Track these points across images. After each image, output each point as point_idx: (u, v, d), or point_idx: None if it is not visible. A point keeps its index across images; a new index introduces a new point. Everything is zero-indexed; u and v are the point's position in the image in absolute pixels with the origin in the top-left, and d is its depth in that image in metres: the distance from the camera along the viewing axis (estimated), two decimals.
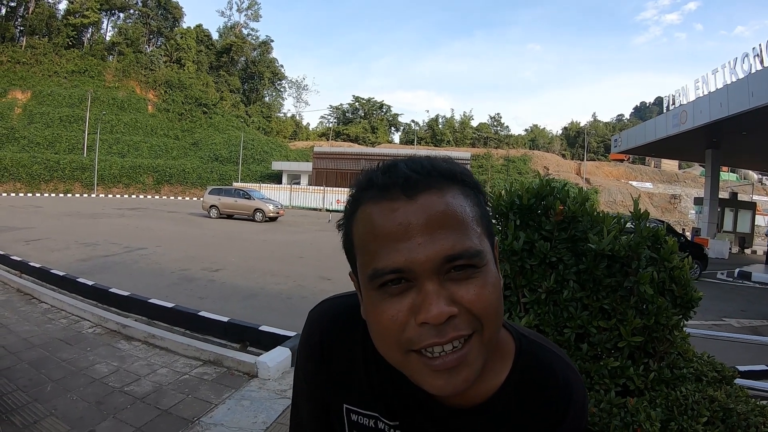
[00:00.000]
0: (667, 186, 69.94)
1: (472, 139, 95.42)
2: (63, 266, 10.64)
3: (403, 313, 0.70)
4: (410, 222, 0.70)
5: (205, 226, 23.99)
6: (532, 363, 0.87)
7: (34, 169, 50.40)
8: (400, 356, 0.72)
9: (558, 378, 0.87)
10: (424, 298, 0.69)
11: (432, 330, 0.68)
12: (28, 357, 5.40)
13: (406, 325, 0.70)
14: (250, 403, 4.64)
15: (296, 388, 1.03)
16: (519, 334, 0.91)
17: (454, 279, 0.70)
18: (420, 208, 0.70)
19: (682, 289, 2.37)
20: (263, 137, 75.27)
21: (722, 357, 2.98)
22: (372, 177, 0.77)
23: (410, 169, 0.74)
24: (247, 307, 8.62)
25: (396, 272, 0.69)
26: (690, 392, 2.25)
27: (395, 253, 0.69)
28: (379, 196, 0.73)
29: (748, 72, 17.05)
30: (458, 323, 0.69)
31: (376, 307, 0.72)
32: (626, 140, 27.99)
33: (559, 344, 2.22)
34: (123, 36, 73.16)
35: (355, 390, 0.92)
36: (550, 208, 2.35)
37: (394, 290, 0.70)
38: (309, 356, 0.97)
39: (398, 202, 0.71)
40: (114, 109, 64.21)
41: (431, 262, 0.68)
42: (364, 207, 0.75)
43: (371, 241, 0.72)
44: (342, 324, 0.94)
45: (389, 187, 0.73)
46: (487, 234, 0.77)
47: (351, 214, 0.78)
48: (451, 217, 0.71)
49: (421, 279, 0.69)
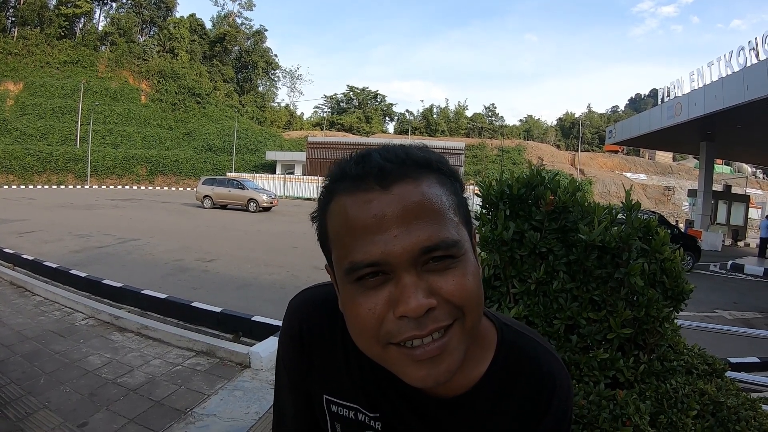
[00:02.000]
0: (661, 178, 70.07)
1: (467, 129, 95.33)
2: (56, 258, 10.62)
3: (381, 306, 0.68)
4: (385, 213, 0.68)
5: (199, 217, 23.96)
6: (514, 352, 0.86)
7: (27, 160, 50.15)
8: (379, 350, 0.71)
9: (541, 367, 0.86)
10: (401, 290, 0.67)
11: (411, 323, 0.67)
12: (21, 350, 5.39)
13: (384, 318, 0.69)
14: (242, 393, 4.64)
15: (278, 379, 1.02)
16: (501, 324, 0.89)
17: (432, 270, 0.69)
18: (395, 199, 0.69)
19: (673, 281, 2.37)
20: (257, 127, 74.96)
21: (714, 349, 2.98)
22: (345, 168, 0.75)
23: (384, 158, 0.72)
24: (240, 298, 8.63)
25: (372, 266, 0.68)
26: (680, 385, 2.26)
27: (371, 246, 0.67)
28: (352, 188, 0.71)
29: (743, 65, 17.07)
30: (438, 315, 0.68)
31: (353, 301, 0.71)
32: (621, 131, 28.00)
33: (549, 335, 2.22)
34: (115, 26, 72.57)
35: (335, 381, 0.92)
36: (541, 198, 2.33)
37: (371, 283, 0.69)
38: (289, 346, 0.96)
39: (372, 193, 0.70)
40: (107, 99, 63.74)
41: (408, 254, 0.67)
42: (337, 199, 0.73)
43: (346, 235, 0.70)
44: (322, 314, 0.92)
45: (363, 177, 0.71)
46: (464, 222, 0.76)
47: (325, 206, 0.77)
48: (427, 207, 0.69)
49: (399, 271, 0.68)
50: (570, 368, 2.17)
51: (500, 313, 0.93)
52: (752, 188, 61.62)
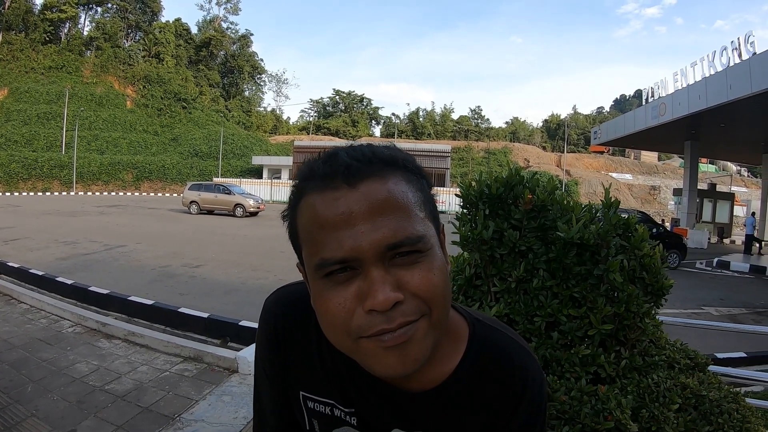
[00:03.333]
0: (647, 177, 70.62)
1: (453, 132, 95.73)
2: (42, 265, 10.54)
3: (350, 300, 0.70)
4: (352, 210, 0.70)
5: (186, 222, 23.86)
6: (485, 347, 0.88)
7: (12, 167, 49.66)
8: (350, 343, 0.73)
9: (513, 361, 0.87)
10: (369, 285, 0.69)
11: (380, 316, 0.69)
12: (8, 358, 5.37)
13: (353, 312, 0.70)
14: (231, 398, 4.65)
15: (256, 378, 1.04)
16: (473, 319, 0.91)
17: (399, 264, 0.71)
18: (362, 196, 0.71)
19: (652, 277, 2.39)
20: (243, 132, 74.81)
21: (702, 345, 3.02)
22: (313, 167, 0.77)
23: (351, 157, 0.75)
24: (228, 303, 8.60)
25: (341, 262, 0.70)
26: (662, 379, 2.27)
27: (340, 243, 0.69)
28: (321, 186, 0.73)
29: (726, 65, 17.20)
30: (405, 309, 0.70)
31: (323, 296, 0.72)
32: (606, 132, 28.15)
33: (530, 333, 2.24)
34: (101, 31, 72.15)
35: (310, 377, 0.93)
36: (519, 197, 2.35)
37: (340, 278, 0.71)
38: (265, 344, 0.98)
39: (340, 191, 0.72)
40: (92, 105, 63.28)
41: (375, 249, 0.69)
42: (306, 197, 0.75)
43: (315, 232, 0.73)
44: (296, 311, 0.94)
45: (330, 176, 0.73)
46: (431, 218, 0.78)
47: (294, 205, 0.79)
48: (393, 203, 0.72)
49: (366, 266, 0.70)
50: (551, 365, 2.20)
51: (472, 309, 0.95)
52: (737, 186, 62.12)
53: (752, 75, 15.01)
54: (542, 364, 2.18)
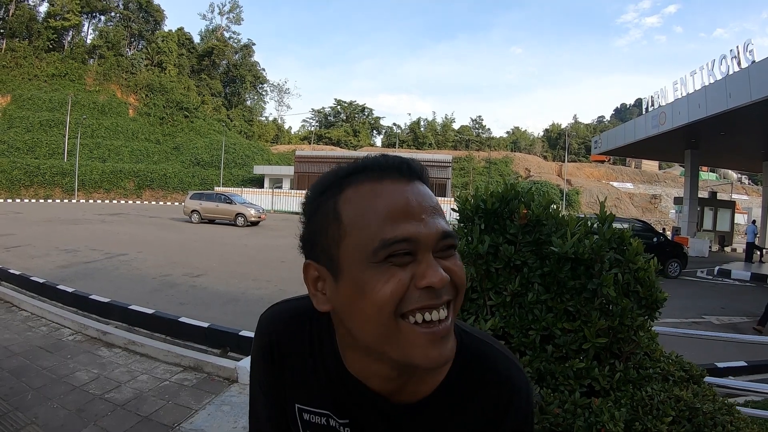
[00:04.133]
0: (648, 186, 70.70)
1: (454, 142, 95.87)
2: (43, 273, 10.55)
3: (407, 279, 0.75)
4: (415, 199, 0.79)
5: (187, 231, 23.84)
6: (473, 358, 0.91)
7: (14, 174, 49.73)
8: (393, 326, 0.76)
9: (499, 371, 0.90)
10: (427, 266, 0.75)
11: (431, 293, 0.75)
12: (9, 365, 5.38)
13: (407, 289, 0.75)
14: (230, 408, 4.66)
15: (252, 391, 1.07)
16: (460, 330, 0.93)
17: (442, 256, 0.78)
18: (418, 191, 0.80)
19: (647, 290, 2.40)
20: (245, 141, 74.90)
21: (702, 354, 3.05)
22: (365, 163, 0.84)
23: (403, 161, 0.84)
24: (228, 313, 8.61)
25: (406, 241, 0.75)
26: (656, 392, 2.27)
27: (405, 225, 0.76)
28: (379, 177, 0.81)
29: (725, 73, 17.25)
30: (447, 289, 0.77)
31: (378, 279, 0.75)
32: (606, 141, 28.20)
33: (525, 346, 2.26)
34: (104, 39, 72.40)
35: (305, 389, 0.96)
36: (515, 212, 2.38)
37: (399, 261, 0.75)
38: (261, 358, 1.02)
39: (400, 182, 0.80)
40: (95, 113, 63.42)
41: (434, 236, 0.77)
42: (359, 186, 0.80)
43: (375, 215, 0.77)
44: (291, 326, 0.98)
45: (390, 169, 0.82)
46: None
47: (334, 196, 0.82)
48: (438, 204, 0.82)
49: (423, 252, 0.76)
50: (546, 378, 2.21)
51: (460, 321, 0.98)
52: (738, 194, 62.19)
53: (751, 83, 15.06)
54: (536, 377, 2.21)
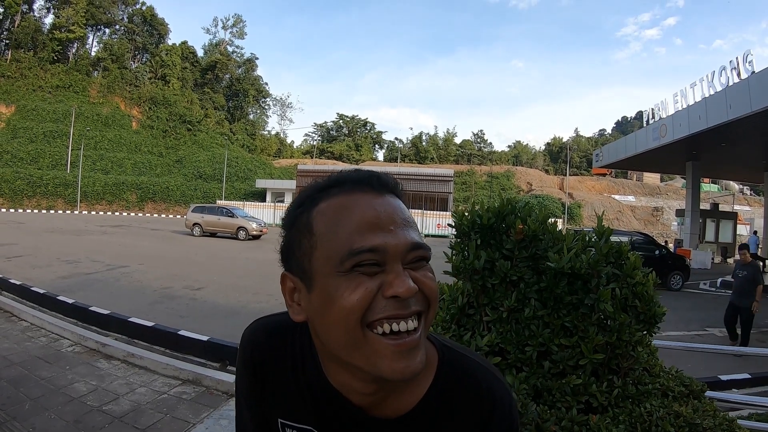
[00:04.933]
0: (650, 199, 70.59)
1: (456, 156, 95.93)
2: (44, 283, 10.55)
3: (374, 287, 0.76)
4: (384, 211, 0.80)
5: (188, 244, 23.86)
6: (454, 372, 0.92)
7: (17, 184, 49.97)
8: (359, 336, 0.76)
9: (480, 385, 0.91)
10: (396, 275, 0.76)
11: (398, 303, 0.76)
12: (7, 375, 5.37)
13: (374, 298, 0.76)
14: (228, 422, 4.63)
15: (237, 406, 1.08)
16: (442, 345, 0.95)
17: (412, 268, 0.80)
18: (389, 203, 0.83)
19: (645, 305, 2.39)
20: (247, 155, 75.12)
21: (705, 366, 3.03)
22: (334, 178, 0.87)
23: (375, 174, 0.87)
24: (228, 326, 8.55)
25: (372, 251, 0.76)
26: (654, 408, 2.26)
27: (372, 236, 0.77)
28: (351, 190, 0.83)
29: (725, 85, 17.28)
30: (415, 300, 0.78)
31: (344, 288, 0.76)
32: (608, 155, 28.24)
33: (521, 362, 2.25)
34: (108, 52, 72.88)
35: (288, 404, 0.96)
36: (511, 227, 2.38)
37: (366, 271, 0.76)
38: (243, 374, 1.02)
39: (371, 194, 0.83)
40: (98, 125, 63.72)
41: (402, 247, 0.78)
42: (331, 200, 0.83)
43: (345, 226, 0.79)
44: (273, 341, 0.98)
45: (363, 182, 0.84)
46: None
47: (309, 209, 0.85)
48: (409, 217, 0.84)
49: (391, 262, 0.77)
50: (543, 394, 2.20)
51: (442, 336, 1.01)
52: (740, 205, 62.00)
53: (751, 94, 15.09)
54: (533, 394, 2.19)
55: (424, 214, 45.28)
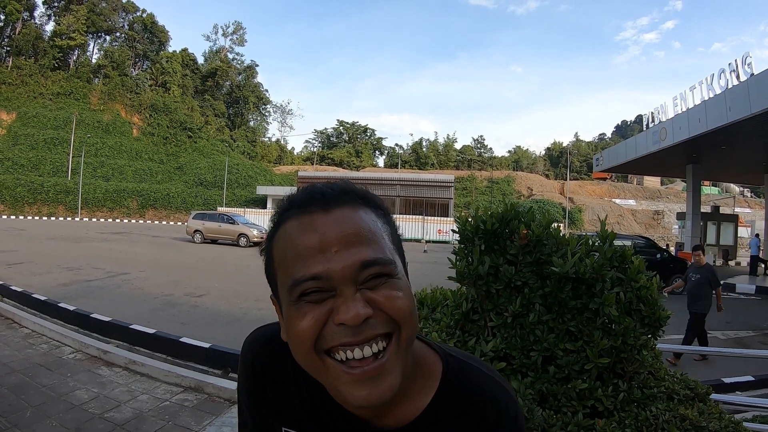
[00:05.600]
0: (650, 202, 70.63)
1: (456, 162, 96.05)
2: (45, 290, 10.53)
3: (323, 315, 0.74)
4: (326, 232, 0.75)
5: (189, 251, 23.88)
6: (459, 381, 0.89)
7: (18, 191, 50.10)
8: (318, 362, 0.76)
9: (485, 394, 0.88)
10: (342, 301, 0.73)
11: (348, 330, 0.73)
12: (8, 382, 5.37)
13: (324, 325, 0.74)
14: (230, 429, 4.62)
15: (240, 415, 1.06)
16: (446, 354, 0.93)
17: (369, 287, 0.75)
18: (335, 221, 0.77)
19: (649, 309, 2.38)
20: (248, 162, 75.25)
21: (708, 369, 3.01)
22: (292, 198, 0.83)
23: (327, 187, 0.82)
24: (230, 333, 8.54)
25: (314, 279, 0.73)
26: (661, 411, 2.26)
27: (313, 262, 0.74)
28: (298, 213, 0.79)
29: (725, 87, 17.24)
30: (374, 323, 0.74)
31: (296, 316, 0.75)
32: (608, 159, 28.21)
33: (526, 367, 2.24)
34: (109, 59, 73.18)
35: (290, 413, 0.94)
36: (515, 232, 2.37)
37: (313, 298, 0.74)
38: (245, 382, 1.01)
39: (315, 215, 0.77)
40: (99, 132, 63.90)
41: (348, 269, 0.73)
42: (284, 226, 0.81)
43: (290, 254, 0.77)
44: (273, 350, 0.96)
45: (307, 203, 0.79)
46: (398, 252, 0.83)
47: (272, 236, 0.83)
48: (365, 229, 0.77)
49: (340, 287, 0.73)
50: (548, 399, 2.19)
51: (446, 345, 0.98)
52: (740, 207, 62.04)
53: (751, 96, 15.05)
54: (539, 399, 2.19)
55: (425, 220, 45.36)
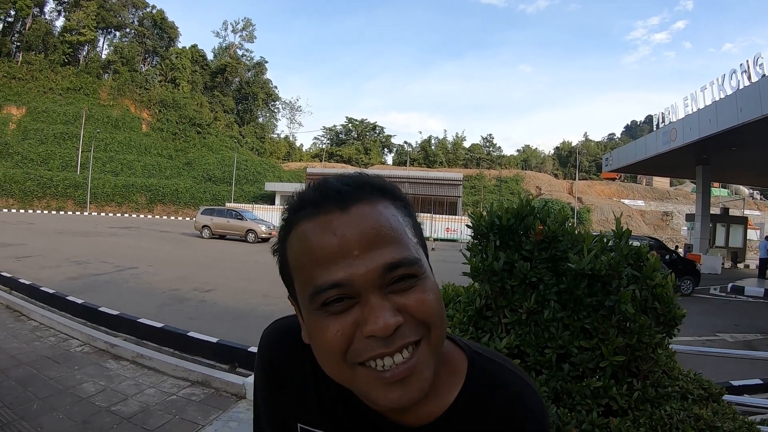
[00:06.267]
0: (659, 203, 70.38)
1: (465, 160, 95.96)
2: (53, 284, 10.55)
3: (348, 327, 0.69)
4: (345, 234, 0.69)
5: (197, 247, 23.93)
6: (484, 379, 0.85)
7: (27, 185, 50.43)
8: (348, 372, 0.71)
9: (511, 393, 0.84)
10: (369, 311, 0.68)
11: (379, 341, 0.68)
12: (15, 374, 5.37)
13: (352, 338, 0.69)
14: (237, 424, 4.60)
15: (255, 409, 1.03)
16: (472, 351, 0.88)
17: (396, 291, 0.70)
18: (354, 220, 0.70)
19: (665, 307, 2.35)
20: (256, 158, 75.45)
21: (716, 372, 2.98)
22: (303, 196, 0.77)
23: (341, 182, 0.75)
24: (237, 328, 8.53)
25: (336, 287, 0.68)
26: (675, 411, 2.23)
27: (334, 268, 0.68)
28: (313, 213, 0.73)
29: (736, 88, 17.23)
30: (405, 331, 0.69)
31: (319, 326, 0.71)
32: (617, 159, 28.20)
33: (541, 364, 2.22)
34: (118, 54, 73.60)
35: (307, 409, 0.91)
36: (530, 228, 2.34)
37: (337, 308, 0.69)
38: (261, 376, 0.97)
39: (332, 214, 0.71)
40: (108, 127, 64.32)
41: (372, 273, 0.68)
42: (297, 226, 0.74)
43: (308, 260, 0.71)
44: (291, 343, 0.91)
45: (322, 202, 0.73)
46: (421, 245, 0.78)
47: (285, 237, 0.78)
48: (386, 226, 0.71)
49: (365, 293, 0.68)
50: (562, 397, 2.17)
51: (472, 342, 0.94)
52: (750, 209, 61.75)
53: (762, 97, 15.03)
54: (553, 397, 2.16)
55: (433, 218, 45.36)
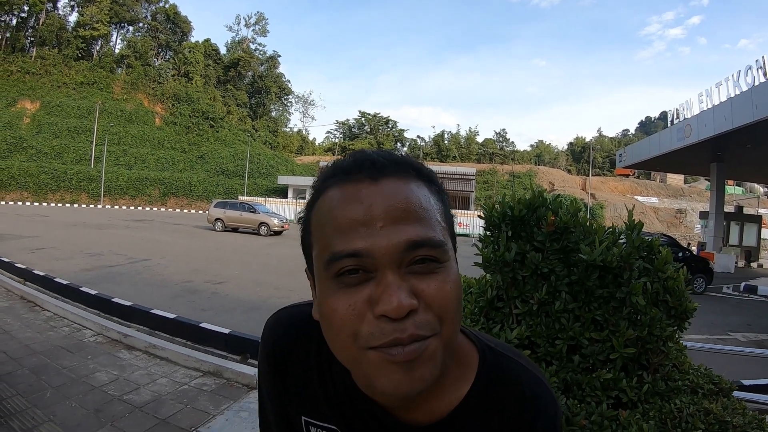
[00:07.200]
0: (673, 200, 69.79)
1: (478, 155, 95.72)
2: (67, 275, 10.65)
3: (360, 303, 0.65)
4: (372, 204, 0.67)
5: (210, 239, 24.04)
6: (496, 375, 0.82)
7: (42, 178, 50.78)
8: (355, 352, 0.67)
9: (524, 389, 0.81)
10: (384, 288, 0.64)
11: (391, 324, 0.63)
12: (29, 363, 5.43)
13: (363, 317, 0.65)
14: (248, 414, 4.63)
15: (260, 399, 1.01)
16: (484, 345, 0.85)
17: (415, 272, 0.66)
18: (383, 192, 0.68)
19: (676, 300, 2.34)
20: (269, 151, 75.60)
21: (727, 371, 2.95)
22: (338, 164, 0.75)
23: (378, 155, 0.73)
24: (249, 320, 8.58)
25: (354, 256, 0.65)
26: (685, 404, 2.22)
27: (355, 237, 0.65)
28: (343, 180, 0.71)
29: (751, 84, 17.00)
30: (418, 320, 0.64)
31: (331, 297, 0.67)
32: (631, 155, 27.93)
33: (551, 356, 2.22)
34: (132, 49, 73.91)
35: (311, 402, 0.88)
36: (542, 219, 2.34)
37: (352, 280, 0.66)
38: (265, 367, 0.94)
39: (362, 184, 0.69)
40: (122, 121, 64.72)
41: (393, 248, 0.65)
42: (325, 193, 0.72)
43: (329, 225, 0.69)
44: (295, 333, 0.90)
45: (353, 170, 0.71)
46: (450, 233, 0.74)
47: (312, 204, 0.76)
48: (415, 204, 0.68)
49: (382, 269, 0.65)
50: (572, 388, 2.17)
51: (484, 335, 0.90)
52: (764, 208, 60.89)
53: None
54: (563, 388, 2.16)
55: None
